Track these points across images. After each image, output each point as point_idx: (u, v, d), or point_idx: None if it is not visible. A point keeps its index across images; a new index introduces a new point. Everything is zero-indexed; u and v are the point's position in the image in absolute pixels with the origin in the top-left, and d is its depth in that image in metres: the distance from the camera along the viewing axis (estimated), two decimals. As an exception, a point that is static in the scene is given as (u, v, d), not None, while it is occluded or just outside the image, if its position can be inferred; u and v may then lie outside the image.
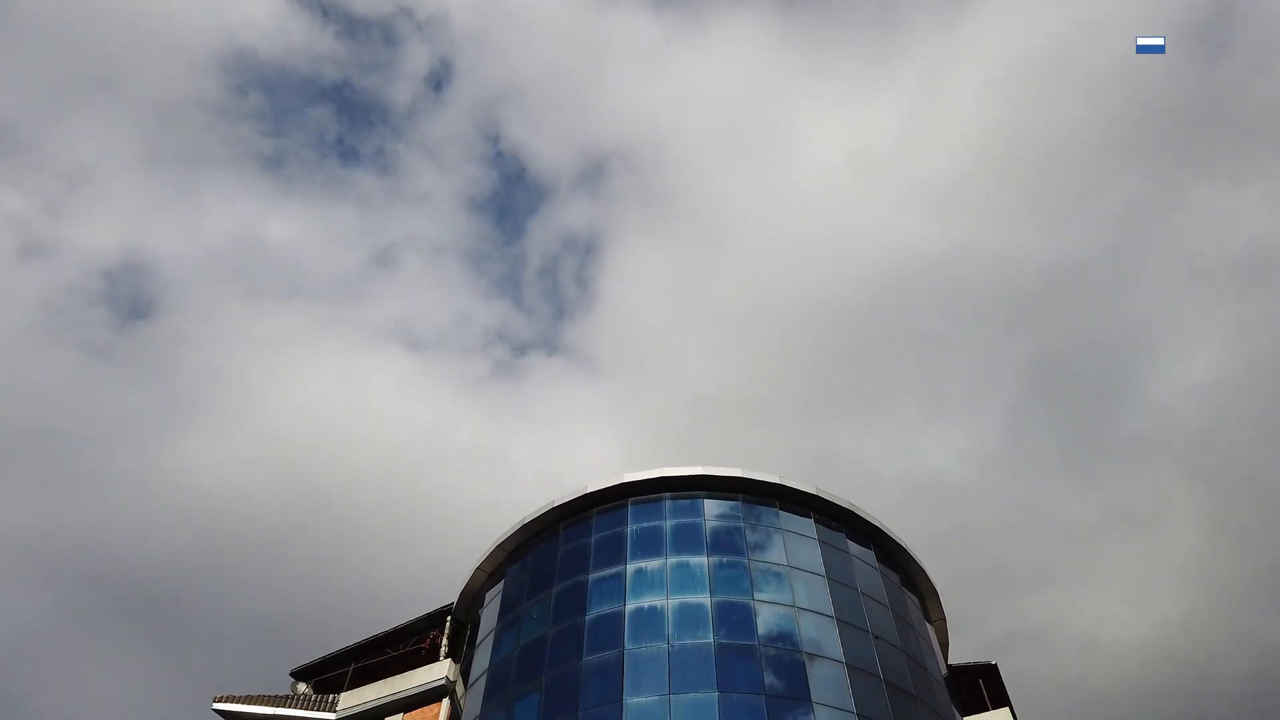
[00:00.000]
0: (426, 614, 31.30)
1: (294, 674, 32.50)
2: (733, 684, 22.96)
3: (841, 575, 27.17)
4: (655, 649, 23.95)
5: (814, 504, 29.00)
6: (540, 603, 27.06)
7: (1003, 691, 29.50)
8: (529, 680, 24.87)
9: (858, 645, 25.02)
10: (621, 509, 28.54)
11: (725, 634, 24.24)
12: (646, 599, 25.39)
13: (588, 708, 23.09)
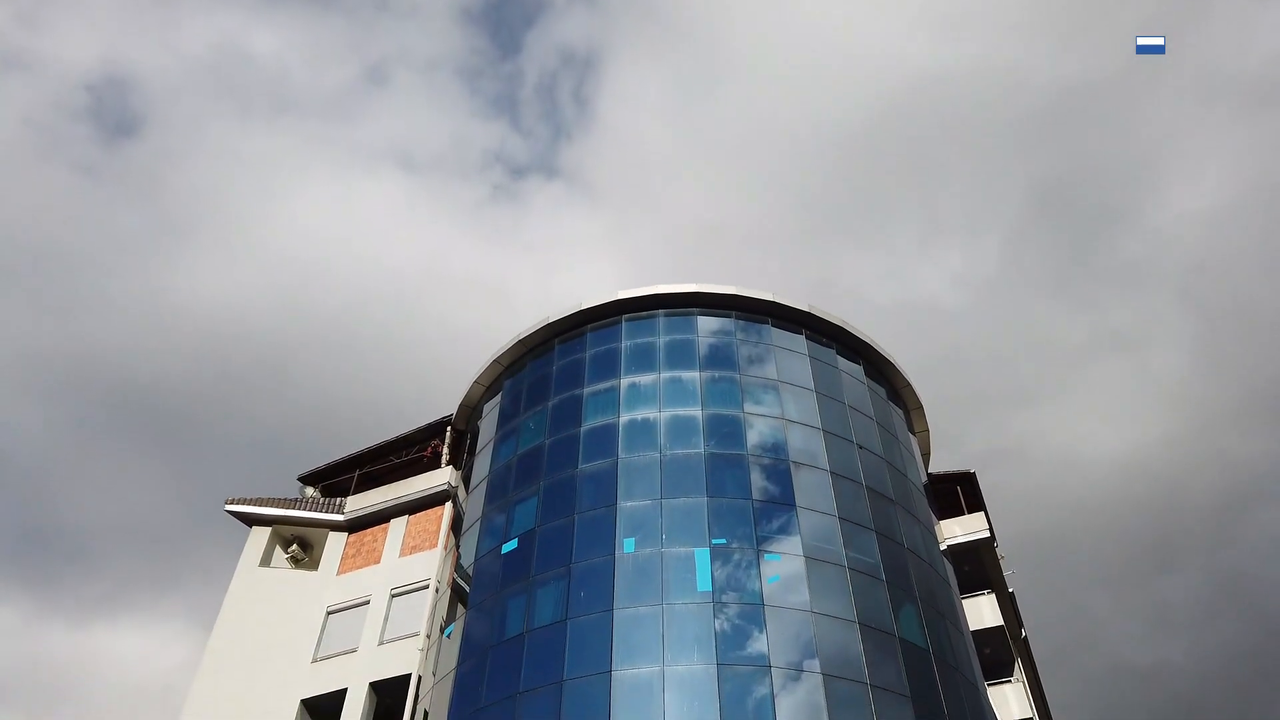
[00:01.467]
0: (427, 424, 32.31)
1: (302, 479, 33.90)
2: (721, 490, 24.09)
3: (830, 389, 27.91)
4: (648, 458, 24.93)
5: (806, 321, 29.37)
6: (537, 415, 27.90)
7: (979, 498, 31.00)
8: (527, 486, 26.03)
9: (842, 455, 26.07)
10: (616, 325, 28.89)
11: (715, 444, 25.18)
12: (640, 411, 26.18)
13: (583, 510, 24.30)
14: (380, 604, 27.88)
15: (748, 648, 20.91)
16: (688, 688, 20.20)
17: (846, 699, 20.44)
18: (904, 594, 23.82)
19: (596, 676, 20.66)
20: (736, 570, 22.52)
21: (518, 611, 23.24)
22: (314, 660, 27.37)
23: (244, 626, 28.62)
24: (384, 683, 25.93)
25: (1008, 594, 30.71)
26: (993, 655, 29.11)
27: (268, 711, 26.14)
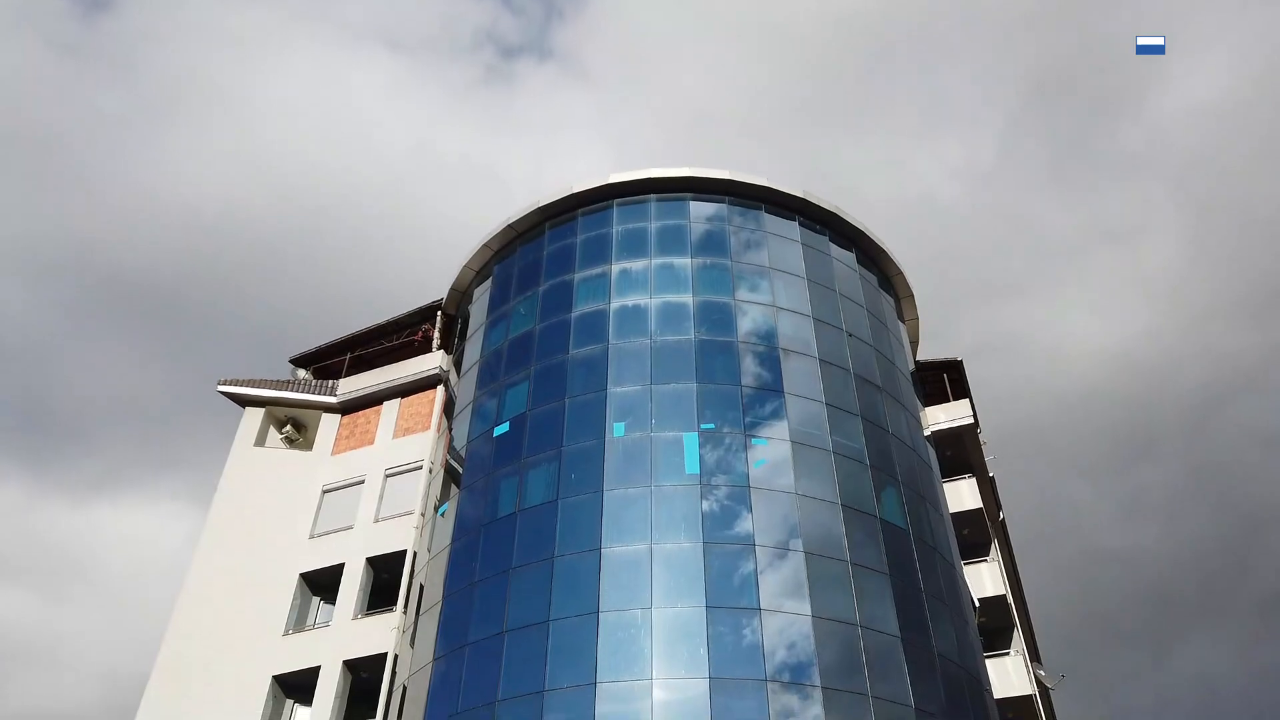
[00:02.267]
0: (417, 308, 32.25)
1: (293, 361, 34.05)
2: (711, 376, 24.32)
3: (821, 277, 27.84)
4: (638, 344, 25.05)
5: (800, 207, 29.03)
6: (527, 300, 27.84)
7: (965, 385, 31.42)
8: (518, 370, 26.21)
9: (832, 342, 26.23)
10: (607, 210, 28.52)
11: (706, 330, 25.27)
12: (631, 298, 26.13)
13: (574, 395, 24.57)
14: (375, 484, 28.47)
15: (733, 527, 21.55)
16: (675, 565, 20.89)
17: (827, 576, 21.20)
18: (887, 477, 24.41)
19: (586, 554, 21.32)
20: (724, 454, 22.97)
21: (510, 492, 23.79)
22: (311, 536, 28.11)
23: (241, 504, 29.27)
24: (380, 558, 26.73)
25: (988, 478, 31.52)
26: (970, 536, 30.11)
27: (268, 585, 27.01)
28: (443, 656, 21.87)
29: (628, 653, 19.64)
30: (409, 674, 22.66)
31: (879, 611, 21.28)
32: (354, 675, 25.06)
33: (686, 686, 19.00)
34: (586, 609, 20.42)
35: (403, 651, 23.84)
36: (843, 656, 20.09)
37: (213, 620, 26.49)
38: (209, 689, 25.07)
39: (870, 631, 20.68)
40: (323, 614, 27.09)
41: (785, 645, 19.93)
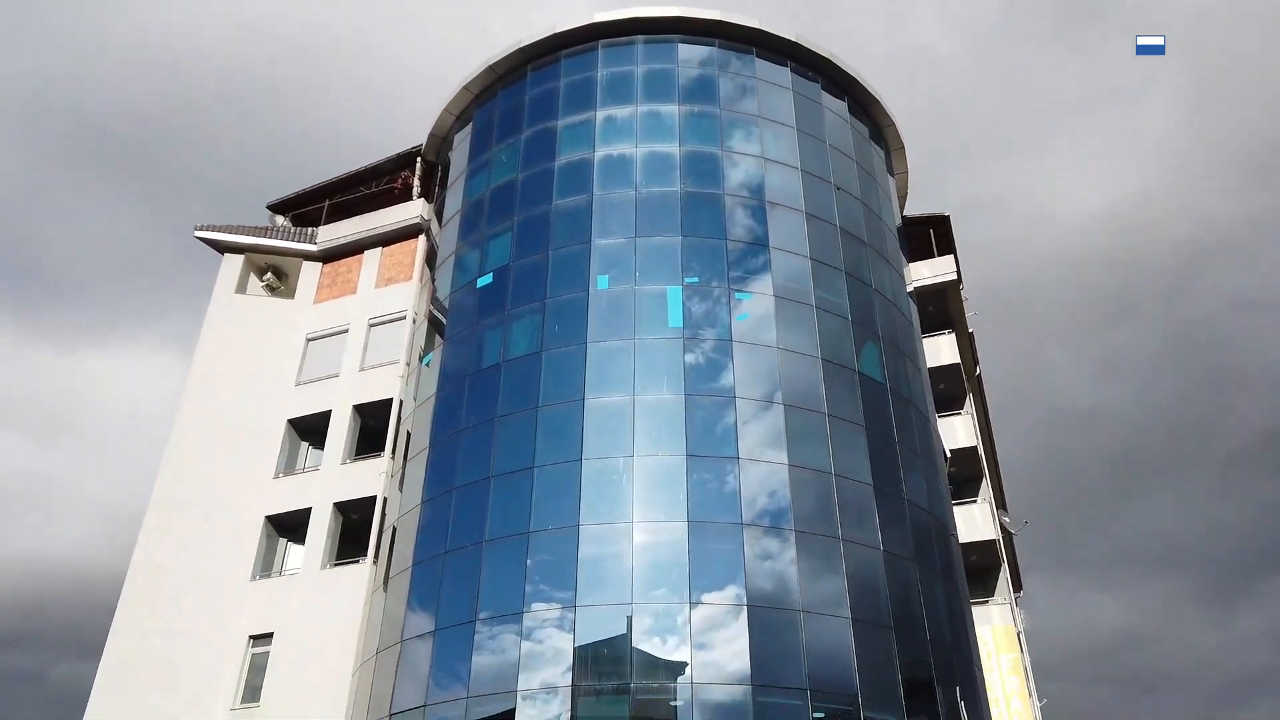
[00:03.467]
0: (397, 155, 31.38)
1: (271, 207, 33.36)
2: (696, 229, 24.06)
3: (811, 127, 27.14)
4: (623, 195, 24.61)
5: (792, 52, 27.94)
6: (509, 147, 27.10)
7: (950, 241, 31.31)
8: (501, 221, 25.82)
9: (819, 195, 25.86)
10: (592, 52, 27.36)
11: (692, 182, 24.80)
12: (616, 147, 25.47)
13: (558, 247, 24.34)
14: (359, 333, 28.52)
15: (715, 380, 21.88)
16: (656, 415, 21.32)
17: (805, 427, 21.74)
18: (867, 332, 24.66)
19: (570, 404, 21.69)
20: (707, 308, 23.04)
21: (494, 343, 23.92)
22: (298, 384, 28.38)
23: (225, 352, 29.36)
24: (367, 405, 27.12)
25: (967, 334, 31.91)
26: (946, 390, 30.76)
27: (257, 430, 27.48)
28: (431, 500, 22.56)
29: (610, 498, 20.32)
30: (398, 516, 23.43)
31: (853, 461, 21.96)
32: (344, 516, 25.90)
33: (666, 530, 19.77)
34: (570, 456, 20.96)
35: (391, 495, 24.56)
36: (817, 503, 20.87)
37: (203, 463, 27.07)
38: (204, 527, 25.90)
39: (844, 480, 21.41)
40: (312, 458, 27.72)
41: (762, 493, 20.65)
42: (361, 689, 21.44)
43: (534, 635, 19.05)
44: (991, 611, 28.38)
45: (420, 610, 21.02)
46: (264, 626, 24.24)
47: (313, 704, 22.35)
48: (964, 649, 22.24)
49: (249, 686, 23.66)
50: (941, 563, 22.88)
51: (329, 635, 23.32)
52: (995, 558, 29.83)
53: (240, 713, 23.20)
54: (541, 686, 18.42)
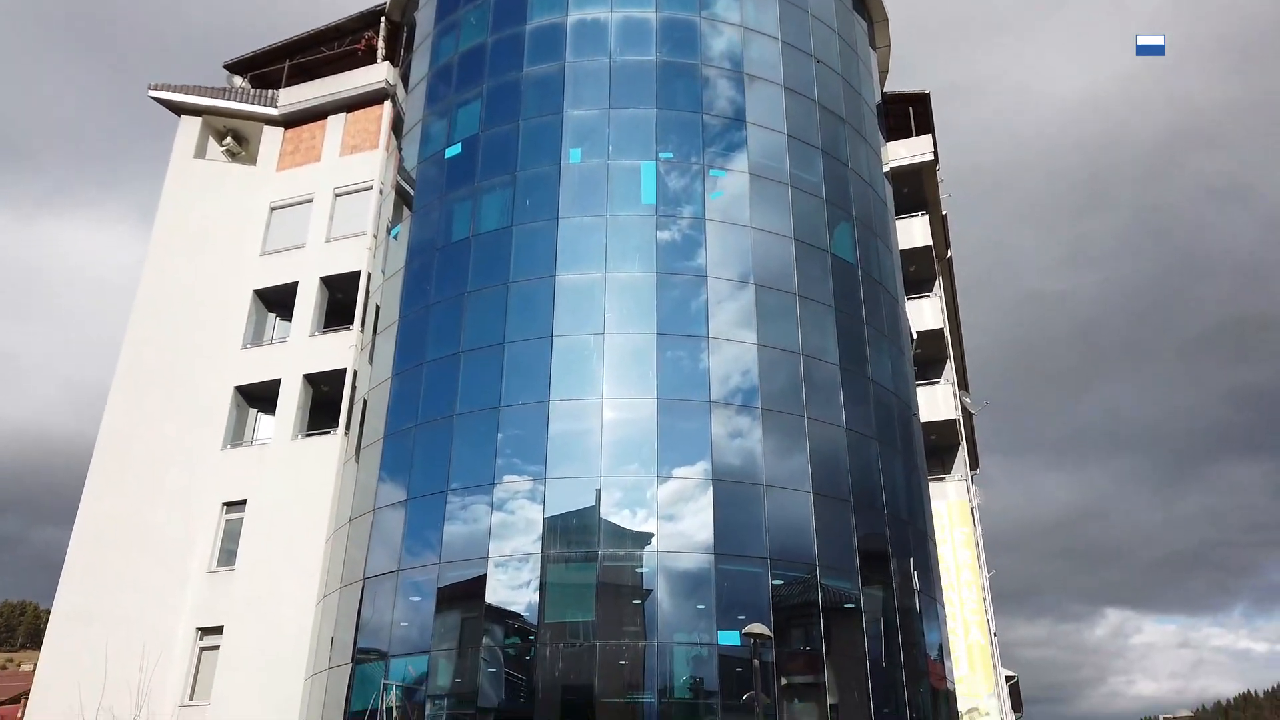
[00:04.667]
0: (360, 12, 29.91)
1: (228, 67, 31.88)
2: (672, 102, 23.39)
3: (794, -4, 26.10)
4: (597, 63, 23.76)
5: (777, -87, 26.53)
6: (478, 8, 25.88)
7: (929, 120, 30.78)
8: (470, 88, 24.91)
9: (799, 69, 25.15)
10: (566, -94, 25.80)
11: (668, 51, 23.97)
12: (590, 10, 24.42)
13: (529, 117, 23.62)
14: (324, 203, 27.82)
15: (687, 259, 21.75)
16: (628, 293, 21.27)
17: (776, 308, 21.84)
18: (841, 213, 24.49)
19: (541, 280, 21.53)
20: (682, 185, 22.67)
21: (463, 216, 23.49)
22: (263, 254, 27.85)
23: (187, 220, 28.58)
24: (334, 278, 26.75)
25: (940, 216, 31.82)
26: (917, 272, 30.90)
27: (222, 300, 27.09)
28: (401, 373, 22.61)
29: (580, 374, 20.47)
30: (368, 388, 23.50)
31: (822, 342, 22.19)
32: (314, 388, 25.94)
33: (635, 406, 20.04)
34: (540, 333, 20.97)
35: (361, 368, 24.56)
36: (784, 383, 21.19)
37: (169, 332, 26.76)
38: (172, 397, 25.84)
39: (812, 360, 21.68)
40: (280, 330, 27.50)
41: (731, 372, 20.90)
42: (335, 555, 21.99)
43: (505, 506, 19.51)
44: (948, 488, 29.42)
45: (392, 481, 21.37)
46: (237, 494, 24.59)
47: (287, 567, 22.95)
48: (919, 523, 23.14)
49: (224, 550, 24.18)
50: (902, 441, 23.52)
51: (302, 503, 23.72)
52: (955, 437, 30.71)
53: (216, 575, 23.78)
54: (513, 554, 19.00)
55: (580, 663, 18.01)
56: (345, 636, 20.44)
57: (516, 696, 18.24)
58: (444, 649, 19.00)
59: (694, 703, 17.97)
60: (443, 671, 18.92)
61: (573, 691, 17.82)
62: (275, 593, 22.76)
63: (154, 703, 20.45)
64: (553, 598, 18.68)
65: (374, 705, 18.63)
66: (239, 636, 22.63)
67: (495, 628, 18.96)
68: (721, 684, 17.87)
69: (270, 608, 22.61)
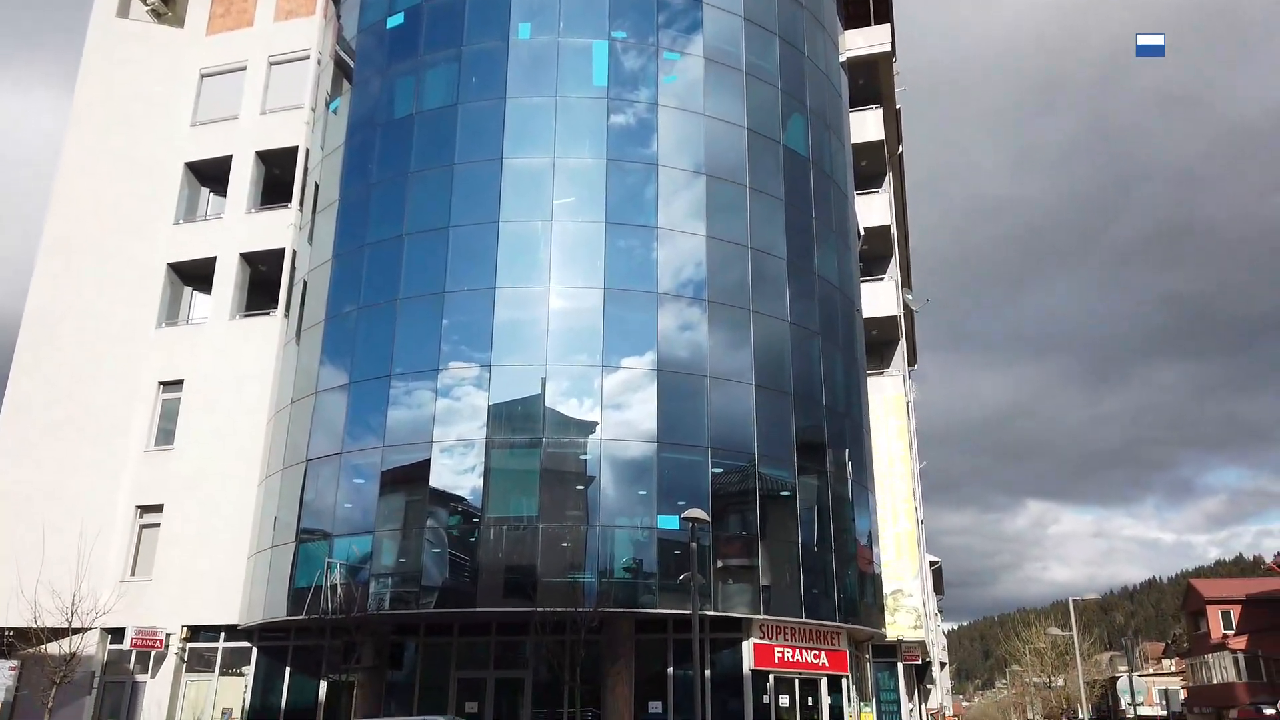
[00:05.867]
0: None
1: (150, -82, 29.51)
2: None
3: None
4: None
5: None
6: None
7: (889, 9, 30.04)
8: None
9: (759, -51, 24.20)
10: None
11: (625, -77, 22.82)
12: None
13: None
14: (258, 72, 26.43)
15: (638, 146, 21.32)
16: (577, 179, 20.86)
17: (726, 200, 21.65)
18: (796, 103, 24.11)
19: (487, 163, 20.96)
20: (634, 67, 22.00)
21: (406, 92, 22.56)
22: (194, 124, 26.54)
23: (111, 85, 26.95)
24: (271, 153, 25.69)
25: (894, 110, 31.52)
26: (868, 167, 30.76)
27: (151, 172, 25.90)
28: (342, 255, 22.08)
29: (527, 261, 20.22)
30: (309, 270, 22.95)
31: (770, 236, 22.18)
32: (252, 268, 25.24)
33: (582, 296, 19.95)
34: (487, 218, 20.55)
35: (301, 248, 23.90)
36: (731, 276, 21.22)
37: (96, 205, 25.60)
38: (102, 273, 24.93)
39: (759, 254, 21.70)
40: (214, 206, 26.49)
41: (678, 263, 20.84)
42: (277, 437, 21.88)
43: (451, 393, 19.50)
44: (885, 382, 30.16)
45: (334, 364, 21.15)
46: (174, 373, 24.13)
47: (227, 449, 22.81)
48: (856, 416, 23.80)
49: (162, 430, 23.88)
50: (844, 336, 23.93)
51: (241, 384, 23.41)
52: (895, 333, 31.30)
53: (154, 454, 23.55)
54: (458, 440, 19.12)
55: (523, 544, 18.46)
56: (288, 516, 20.58)
57: (460, 576, 18.69)
58: (388, 530, 19.27)
59: (633, 582, 18.63)
60: (387, 551, 19.25)
61: (515, 571, 18.32)
62: (215, 472, 22.69)
63: (94, 578, 20.51)
64: (497, 482, 18.95)
65: (318, 582, 18.95)
66: (179, 514, 22.63)
67: (439, 510, 19.24)
68: (660, 565, 18.52)
69: (211, 487, 22.57)
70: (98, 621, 19.55)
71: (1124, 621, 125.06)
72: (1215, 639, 49.24)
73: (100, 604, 19.60)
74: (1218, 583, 63.41)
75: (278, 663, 21.17)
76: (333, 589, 18.70)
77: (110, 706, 21.80)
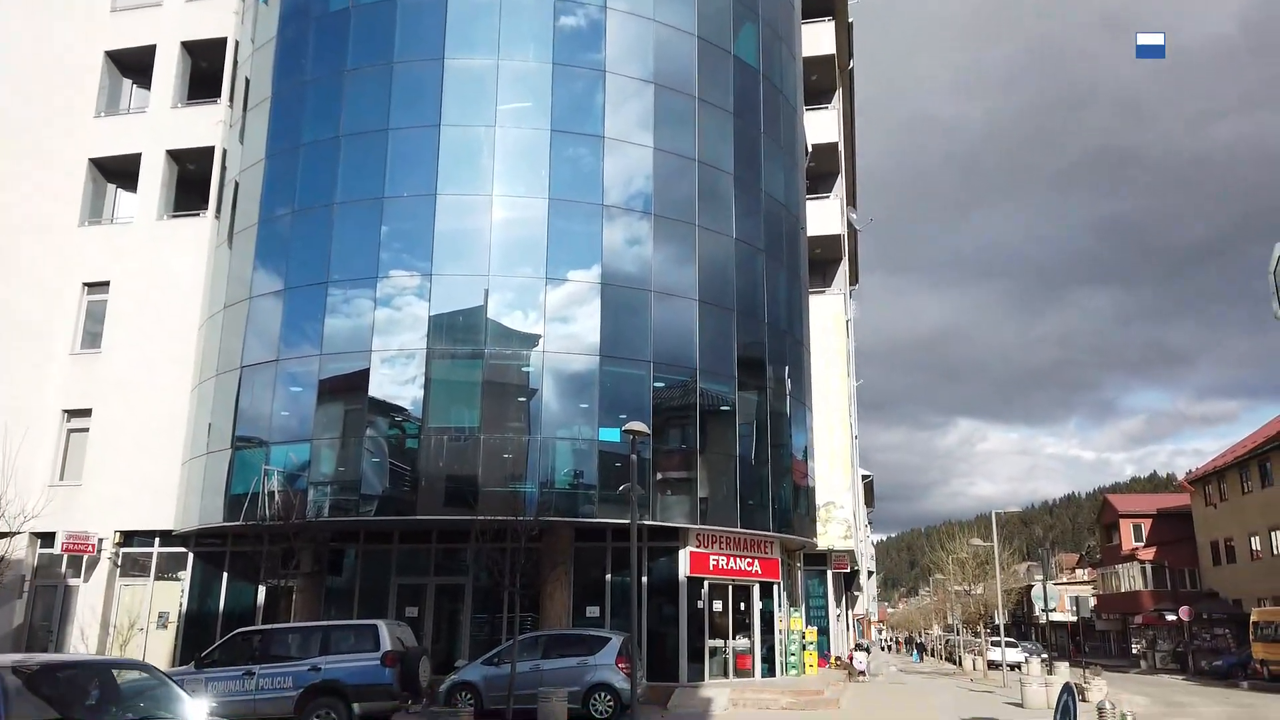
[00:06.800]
0: None
1: None
2: None
3: None
4: None
5: None
6: None
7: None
8: None
9: None
10: None
11: None
12: None
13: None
14: (183, -45, 24.82)
15: (586, 51, 20.69)
16: (522, 84, 20.24)
17: (674, 111, 21.23)
18: (747, 12, 23.55)
19: (428, 63, 20.18)
20: (584, -33, 21.15)
21: (343, -17, 21.44)
22: (114, 10, 25.00)
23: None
24: (197, 44, 24.40)
25: (847, 25, 31.06)
26: (818, 82, 30.43)
27: (69, 63, 24.46)
28: (275, 155, 21.26)
29: (469, 168, 19.71)
30: (240, 170, 22.07)
31: (718, 149, 21.91)
32: (180, 166, 24.20)
33: (526, 206, 19.58)
34: (428, 121, 19.89)
35: (231, 147, 22.92)
36: (678, 190, 20.99)
37: (10, 95, 24.12)
38: (18, 168, 23.67)
39: (707, 168, 21.46)
40: (138, 99, 25.18)
41: (625, 175, 20.51)
42: (210, 342, 21.35)
43: (391, 302, 19.15)
44: (826, 301, 30.48)
45: (268, 269, 20.57)
46: (99, 275, 23.26)
47: (158, 353, 22.22)
48: (797, 333, 24.06)
49: (88, 333, 23.14)
50: (788, 254, 23.99)
51: (171, 287, 22.68)
52: (838, 252, 31.50)
53: (81, 358, 22.86)
54: (399, 350, 18.88)
55: (464, 455, 18.49)
56: (223, 423, 20.25)
57: (400, 484, 18.70)
58: (327, 438, 19.11)
59: (573, 492, 18.86)
60: (325, 459, 19.13)
61: (456, 480, 18.39)
62: (146, 377, 22.13)
63: (21, 482, 20.03)
64: (438, 393, 18.84)
65: (255, 489, 18.81)
66: (109, 419, 22.12)
67: (379, 420, 19.11)
68: (600, 476, 18.76)
69: (142, 392, 22.05)
70: (26, 525, 19.13)
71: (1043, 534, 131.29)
72: (1126, 550, 52.04)
73: (28, 508, 19.21)
74: (1131, 498, 66.70)
75: (214, 568, 21.12)
76: (270, 496, 18.59)
77: (43, 610, 21.62)
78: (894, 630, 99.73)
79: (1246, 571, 40.02)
